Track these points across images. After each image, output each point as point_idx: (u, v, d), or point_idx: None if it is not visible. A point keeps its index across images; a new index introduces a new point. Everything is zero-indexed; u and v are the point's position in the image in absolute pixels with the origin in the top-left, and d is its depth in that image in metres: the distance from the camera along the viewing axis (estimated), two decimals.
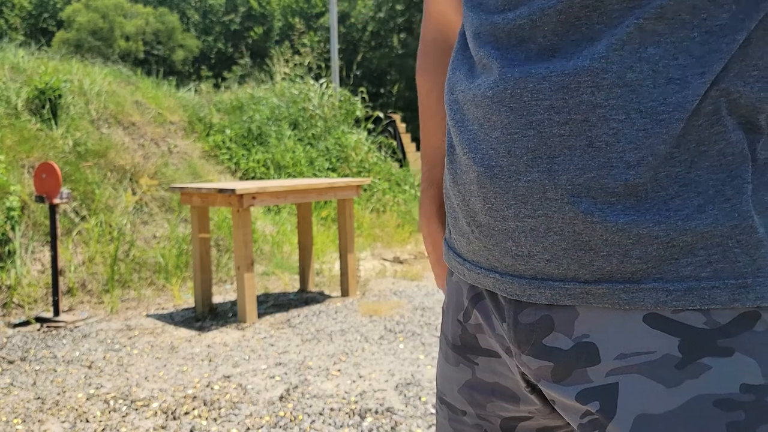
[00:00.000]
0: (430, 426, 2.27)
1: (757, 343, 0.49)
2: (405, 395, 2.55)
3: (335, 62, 9.84)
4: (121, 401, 2.55)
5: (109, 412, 2.45)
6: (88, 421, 2.36)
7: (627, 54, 0.49)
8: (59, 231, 3.98)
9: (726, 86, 0.49)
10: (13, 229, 4.12)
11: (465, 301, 0.67)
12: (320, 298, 4.23)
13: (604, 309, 0.53)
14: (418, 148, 12.02)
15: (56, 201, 3.61)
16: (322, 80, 8.70)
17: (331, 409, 2.43)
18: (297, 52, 9.42)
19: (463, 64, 0.63)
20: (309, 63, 9.32)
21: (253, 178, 6.75)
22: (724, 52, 0.49)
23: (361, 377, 2.76)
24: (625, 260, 0.51)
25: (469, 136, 0.59)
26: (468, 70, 0.61)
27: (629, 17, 0.49)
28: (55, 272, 3.66)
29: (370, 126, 8.81)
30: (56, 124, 5.33)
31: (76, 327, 3.60)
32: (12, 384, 2.75)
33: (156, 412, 2.43)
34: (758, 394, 0.48)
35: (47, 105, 5.37)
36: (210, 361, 3.01)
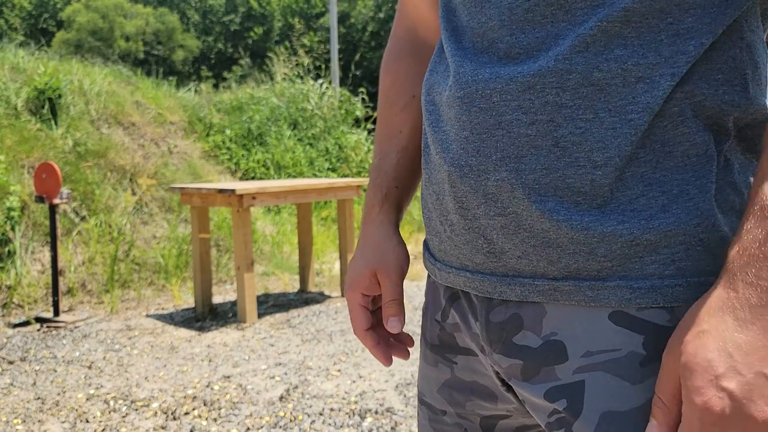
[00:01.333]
0: None
1: None
2: (405, 395, 2.55)
3: (335, 62, 9.84)
4: (121, 401, 2.55)
5: (109, 412, 2.45)
6: (88, 422, 2.36)
7: (592, 55, 0.50)
8: (59, 231, 3.98)
9: (691, 88, 0.50)
10: (13, 229, 4.12)
11: (442, 300, 0.67)
12: (320, 298, 4.23)
13: (572, 307, 0.53)
14: None
15: (56, 201, 3.61)
16: (322, 80, 8.70)
17: (331, 410, 2.43)
18: (296, 53, 9.42)
19: (440, 65, 0.63)
20: (309, 63, 9.32)
21: (253, 178, 6.75)
22: (691, 55, 0.49)
23: (361, 377, 2.76)
24: (591, 258, 0.51)
25: (441, 137, 0.60)
26: (444, 71, 0.62)
27: (593, 17, 0.49)
28: (55, 272, 3.66)
29: (370, 126, 8.81)
30: (56, 124, 5.33)
31: (76, 327, 3.60)
32: (12, 384, 2.75)
33: (156, 413, 2.43)
34: None
35: (47, 105, 5.37)
36: (210, 361, 3.01)
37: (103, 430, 2.29)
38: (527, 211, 0.53)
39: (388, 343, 0.74)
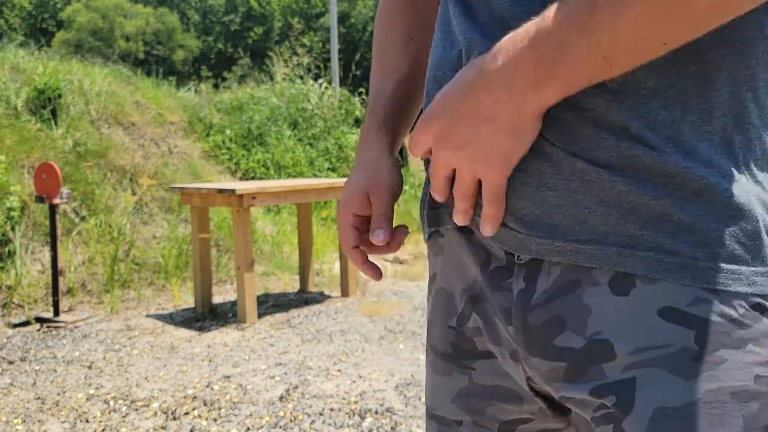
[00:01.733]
0: None
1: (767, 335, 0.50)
2: (405, 395, 2.55)
3: (335, 62, 9.84)
4: (121, 401, 2.55)
5: (109, 412, 2.45)
6: (88, 422, 2.36)
7: None
8: (59, 231, 3.98)
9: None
10: (13, 229, 4.12)
11: (459, 304, 0.65)
12: (320, 298, 4.23)
13: (619, 304, 0.52)
14: None
15: (56, 201, 3.61)
16: (322, 80, 8.70)
17: (331, 410, 2.43)
18: (297, 53, 9.42)
19: (446, 41, 0.62)
20: (309, 63, 9.32)
21: (253, 178, 6.75)
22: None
23: (361, 377, 2.76)
24: (620, 224, 0.51)
25: None
26: (451, 46, 0.61)
27: None
28: (55, 272, 3.66)
29: None
30: (56, 124, 5.33)
31: (76, 327, 3.60)
32: (12, 384, 2.75)
33: (156, 413, 2.43)
34: None
35: (47, 105, 5.36)
36: (210, 361, 3.01)
37: (103, 430, 2.29)
38: (553, 169, 0.54)
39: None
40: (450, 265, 0.67)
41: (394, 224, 0.71)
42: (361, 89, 9.30)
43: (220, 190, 3.51)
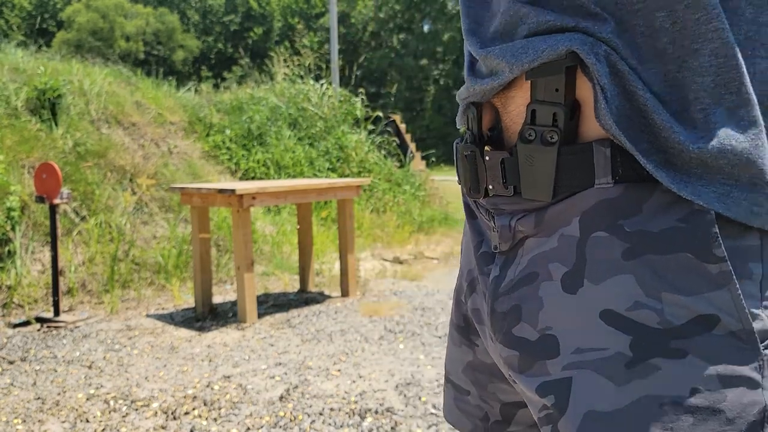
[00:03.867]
0: (430, 426, 2.27)
1: (713, 347, 0.47)
2: (405, 395, 2.55)
3: (335, 62, 9.84)
4: (121, 401, 2.55)
5: (110, 412, 2.45)
6: (88, 421, 2.36)
7: None
8: (59, 231, 3.98)
9: None
10: (13, 229, 4.12)
11: (464, 283, 0.69)
12: (320, 298, 4.23)
13: (567, 300, 0.53)
14: (417, 148, 12.00)
15: (56, 201, 3.61)
16: (322, 81, 8.70)
17: (331, 409, 2.43)
18: (297, 53, 9.42)
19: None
20: (310, 64, 9.32)
21: (253, 178, 6.75)
22: None
23: (361, 377, 2.76)
24: None
25: None
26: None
27: None
28: (56, 272, 3.66)
29: (371, 127, 8.81)
30: (56, 124, 5.33)
31: (76, 327, 3.60)
32: (12, 384, 2.76)
33: (156, 412, 2.44)
34: (711, 400, 0.46)
35: (47, 105, 5.37)
36: (210, 361, 3.01)
37: (103, 430, 2.29)
38: None
39: None
40: (464, 247, 0.72)
41: (394, 224, 0.72)
42: (362, 89, 9.30)
43: (220, 190, 3.52)
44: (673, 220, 0.49)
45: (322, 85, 8.53)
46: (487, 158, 0.58)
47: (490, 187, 0.58)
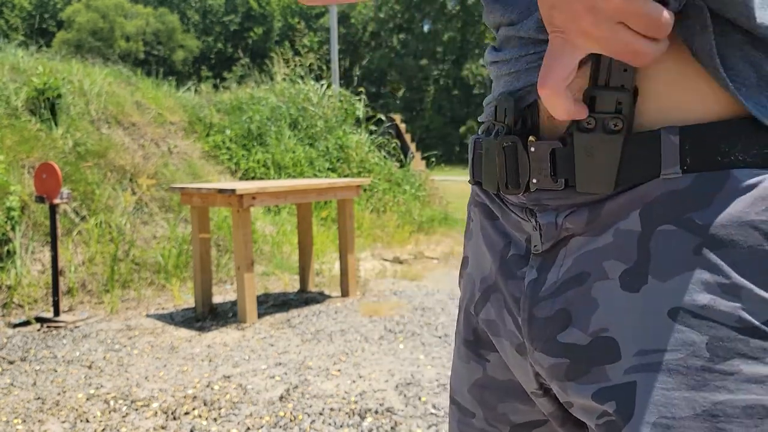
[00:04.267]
0: (429, 426, 2.27)
1: None
2: (405, 395, 2.55)
3: (335, 63, 9.85)
4: (121, 401, 2.55)
5: (109, 412, 2.45)
6: (88, 421, 2.36)
7: None
8: (59, 231, 3.98)
9: None
10: (13, 229, 4.12)
11: (477, 293, 0.64)
12: (320, 298, 4.23)
13: (627, 299, 0.49)
14: (417, 149, 12.00)
15: (56, 201, 3.61)
16: (323, 81, 8.70)
17: (331, 409, 2.43)
18: (297, 53, 9.42)
19: None
20: (310, 65, 9.32)
21: (253, 178, 6.75)
22: None
23: (361, 377, 2.76)
24: None
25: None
26: None
27: None
28: (56, 272, 3.66)
29: (372, 127, 8.81)
30: (56, 124, 5.33)
31: (76, 327, 3.61)
32: (12, 384, 2.76)
33: (156, 412, 2.44)
34: None
35: (47, 105, 5.37)
36: (210, 361, 3.01)
37: (104, 430, 2.29)
38: None
39: None
40: (475, 252, 0.66)
41: (394, 224, 0.70)
42: (362, 89, 9.30)
43: (220, 190, 3.52)
44: (751, 213, 0.46)
45: (322, 85, 8.53)
46: (532, 149, 0.53)
47: (534, 181, 0.54)
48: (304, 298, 4.25)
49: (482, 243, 0.64)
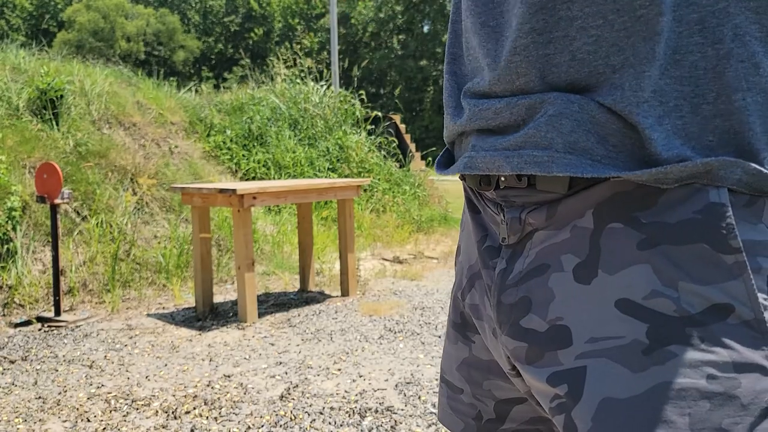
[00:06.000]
0: (429, 425, 2.28)
1: (728, 335, 0.48)
2: (405, 394, 2.56)
3: (335, 63, 9.85)
4: (122, 400, 2.56)
5: (110, 411, 2.46)
6: (89, 421, 2.37)
7: None
8: (60, 231, 3.99)
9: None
10: (14, 229, 4.13)
11: (464, 279, 0.69)
12: (320, 297, 4.24)
13: (579, 290, 0.53)
14: (417, 149, 12.01)
15: (57, 201, 3.62)
16: (323, 82, 8.71)
17: (332, 408, 2.44)
18: (300, 56, 9.42)
19: None
20: (310, 66, 9.33)
21: (253, 178, 6.76)
22: None
23: (361, 376, 2.77)
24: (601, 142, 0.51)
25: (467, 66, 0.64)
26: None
27: None
28: (56, 272, 3.67)
29: (371, 127, 8.82)
30: (57, 124, 5.34)
31: (77, 326, 3.61)
32: (13, 383, 2.76)
33: (157, 412, 2.44)
34: (726, 386, 0.47)
35: (48, 106, 5.38)
36: (211, 360, 3.02)
37: (104, 429, 2.30)
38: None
39: None
40: (464, 242, 0.71)
41: (394, 224, 0.73)
42: (361, 90, 9.31)
43: (221, 190, 3.53)
44: (690, 212, 0.49)
45: (322, 85, 8.54)
46: None
47: (502, 179, 0.59)
48: (305, 297, 4.26)
49: (470, 234, 0.68)
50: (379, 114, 9.39)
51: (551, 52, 0.52)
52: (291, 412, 2.41)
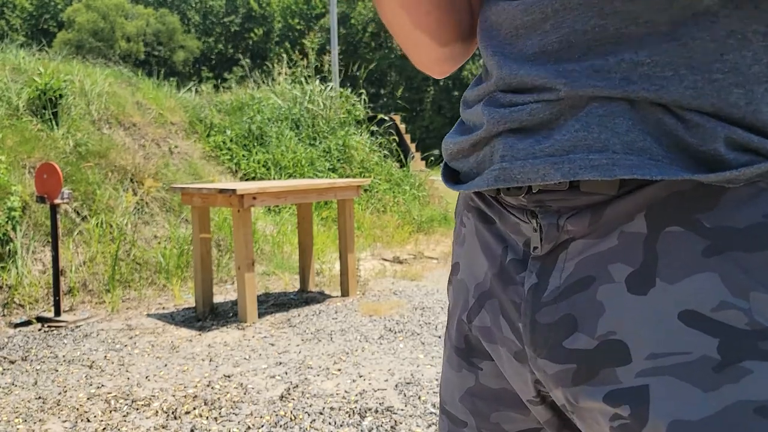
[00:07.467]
0: (429, 425, 2.28)
1: None
2: (405, 394, 2.56)
3: (335, 63, 9.86)
4: (122, 401, 2.56)
5: (110, 411, 2.46)
6: (89, 421, 2.37)
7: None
8: (60, 231, 3.99)
9: None
10: (14, 229, 4.13)
11: (471, 299, 0.63)
12: (320, 297, 4.24)
13: (635, 302, 0.48)
14: (417, 149, 12.01)
15: (57, 201, 3.62)
16: (328, 84, 8.72)
17: (332, 409, 2.44)
18: (306, 56, 9.42)
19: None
20: (309, 65, 9.33)
21: (253, 178, 6.76)
22: None
23: (361, 377, 2.77)
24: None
25: None
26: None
27: None
28: (56, 272, 3.67)
29: (373, 128, 8.82)
30: (57, 124, 5.34)
31: (77, 327, 3.61)
32: (13, 384, 2.76)
33: (157, 412, 2.44)
34: None
35: (48, 106, 5.38)
36: (210, 360, 3.02)
37: (104, 429, 2.30)
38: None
39: None
40: (469, 258, 0.64)
41: (394, 224, 0.68)
42: (362, 90, 9.31)
43: (221, 190, 3.53)
44: (759, 215, 0.45)
45: (325, 86, 8.54)
46: None
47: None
48: (305, 297, 4.26)
49: (478, 248, 0.62)
50: (384, 117, 9.40)
51: None
52: (291, 412, 2.41)
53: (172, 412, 2.43)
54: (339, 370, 2.86)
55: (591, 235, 0.51)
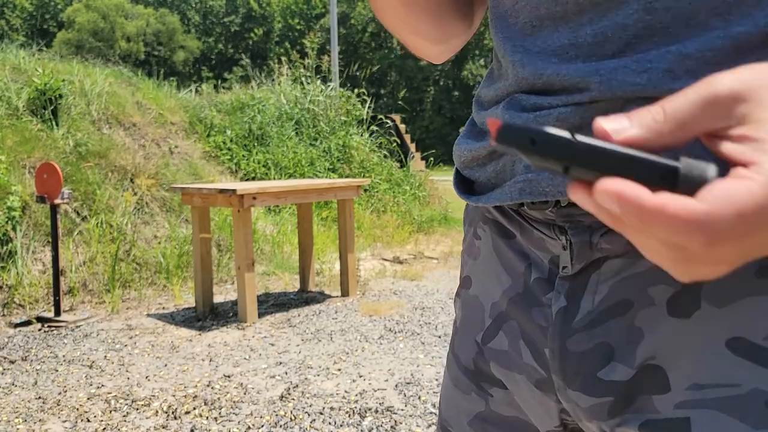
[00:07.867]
0: (429, 425, 2.28)
1: None
2: (405, 394, 2.56)
3: (335, 64, 9.86)
4: (122, 401, 2.56)
5: (110, 411, 2.46)
6: (89, 421, 2.37)
7: None
8: (60, 231, 3.99)
9: None
10: (14, 229, 4.13)
11: (487, 320, 0.58)
12: (320, 297, 4.24)
13: (676, 325, 0.44)
14: (417, 149, 12.01)
15: (57, 201, 3.62)
16: (329, 84, 8.72)
17: (332, 409, 2.44)
18: (306, 54, 9.42)
19: None
20: (309, 65, 9.34)
21: (253, 178, 6.76)
22: None
23: (361, 377, 2.77)
24: None
25: None
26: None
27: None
28: (56, 272, 3.67)
29: (374, 128, 8.83)
30: (57, 124, 5.34)
31: (77, 327, 3.61)
32: (13, 384, 2.76)
33: (157, 412, 2.44)
34: None
35: (48, 106, 5.38)
36: (210, 360, 3.02)
37: (104, 429, 2.30)
38: None
39: None
40: (485, 274, 0.60)
41: (394, 224, 0.63)
42: (362, 90, 9.31)
43: (221, 190, 3.53)
44: None
45: (327, 86, 8.55)
46: None
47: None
48: (305, 297, 4.26)
49: (497, 264, 0.58)
50: (384, 119, 9.40)
51: None
52: (291, 412, 2.41)
53: (172, 412, 2.43)
54: (339, 370, 2.86)
55: (628, 254, 0.46)
